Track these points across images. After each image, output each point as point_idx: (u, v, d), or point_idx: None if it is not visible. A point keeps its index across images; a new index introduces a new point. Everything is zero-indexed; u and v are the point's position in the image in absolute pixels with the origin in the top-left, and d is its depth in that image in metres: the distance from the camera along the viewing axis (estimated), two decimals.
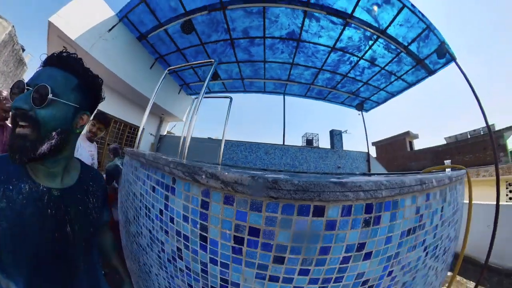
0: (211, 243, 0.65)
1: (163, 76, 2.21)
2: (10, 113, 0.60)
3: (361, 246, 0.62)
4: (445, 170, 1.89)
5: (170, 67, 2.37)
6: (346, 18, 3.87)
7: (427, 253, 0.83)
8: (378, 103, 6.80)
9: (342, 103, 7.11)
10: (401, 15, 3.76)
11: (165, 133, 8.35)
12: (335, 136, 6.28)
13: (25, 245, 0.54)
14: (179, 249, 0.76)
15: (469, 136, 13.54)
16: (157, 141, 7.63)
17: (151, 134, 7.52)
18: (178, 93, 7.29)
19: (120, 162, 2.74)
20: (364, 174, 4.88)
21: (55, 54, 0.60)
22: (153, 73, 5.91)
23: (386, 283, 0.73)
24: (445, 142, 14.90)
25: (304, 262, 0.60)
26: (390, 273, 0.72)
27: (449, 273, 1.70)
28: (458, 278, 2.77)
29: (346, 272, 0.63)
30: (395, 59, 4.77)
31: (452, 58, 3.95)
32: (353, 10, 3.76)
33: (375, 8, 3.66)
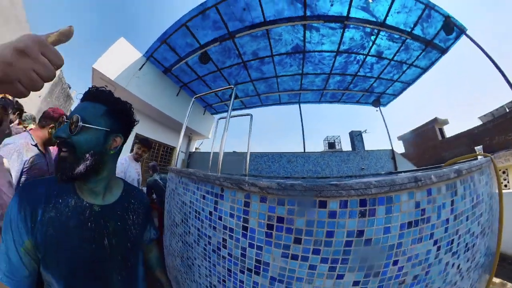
0: (250, 231, 0.87)
1: (191, 103, 2.53)
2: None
3: (360, 233, 0.74)
4: (476, 158, 1.63)
5: (196, 95, 2.68)
6: (344, 21, 3.90)
7: (439, 247, 0.83)
8: (395, 95, 6.48)
9: (358, 102, 6.92)
10: (396, 2, 3.61)
11: (193, 150, 8.97)
12: (355, 137, 6.01)
13: (66, 251, 0.59)
14: (224, 240, 0.97)
15: (507, 110, 11.26)
16: (187, 158, 8.19)
17: (182, 152, 8.09)
18: (203, 114, 7.92)
19: (158, 177, 3.10)
20: (390, 173, 4.62)
21: (87, 91, 0.69)
22: (179, 99, 6.67)
23: (393, 271, 0.77)
24: (481, 122, 12.34)
25: (315, 242, 0.76)
26: (395, 262, 0.77)
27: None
28: (497, 280, 2.32)
29: (351, 255, 0.74)
30: (402, 48, 4.55)
31: (461, 31, 3.71)
32: (348, 12, 3.78)
33: (370, 0, 3.60)
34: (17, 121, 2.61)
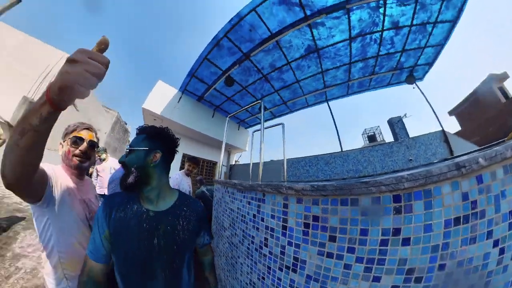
0: (289, 230, 0.93)
1: (226, 123, 2.80)
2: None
3: (397, 231, 0.67)
4: None
5: (230, 114, 2.92)
6: (345, 6, 3.61)
7: (502, 250, 0.63)
8: (430, 64, 5.36)
9: (390, 84, 6.09)
10: None
11: (233, 163, 9.43)
12: (395, 124, 5.02)
13: (125, 241, 0.75)
14: (265, 239, 1.06)
15: None
16: (228, 170, 8.69)
17: (224, 165, 8.58)
18: (238, 129, 8.38)
19: (204, 188, 3.39)
20: (445, 160, 3.90)
21: (136, 130, 0.92)
22: (215, 119, 7.40)
23: (439, 278, 0.63)
24: None
25: (350, 241, 0.75)
26: (442, 266, 0.63)
27: None
28: None
29: (387, 255, 0.68)
30: (418, 8, 3.82)
31: None
32: None
33: None
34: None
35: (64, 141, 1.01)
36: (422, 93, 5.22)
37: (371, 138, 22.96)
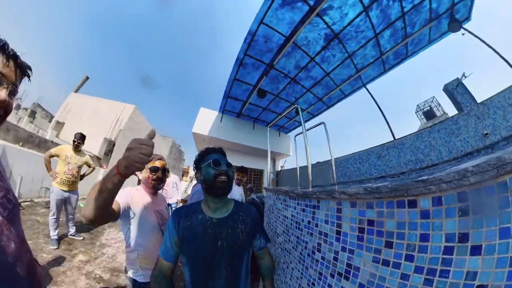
0: (343, 235, 0.88)
1: (268, 132, 2.85)
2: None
3: (464, 237, 0.54)
4: None
5: (269, 124, 2.98)
6: None
7: None
8: None
9: (431, 41, 4.75)
10: None
11: (279, 169, 9.35)
12: (454, 91, 3.68)
13: (193, 245, 0.86)
14: (319, 244, 1.03)
15: None
16: (275, 176, 8.70)
17: (271, 173, 8.66)
18: (279, 136, 8.36)
19: (254, 195, 3.49)
20: None
21: (218, 149, 1.02)
22: (256, 130, 7.73)
23: None
24: None
25: (408, 247, 0.65)
26: None
27: None
28: None
29: (452, 266, 0.55)
30: None
31: None
32: None
33: None
34: None
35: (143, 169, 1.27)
36: (477, 36, 3.86)
37: (428, 114, 17.89)
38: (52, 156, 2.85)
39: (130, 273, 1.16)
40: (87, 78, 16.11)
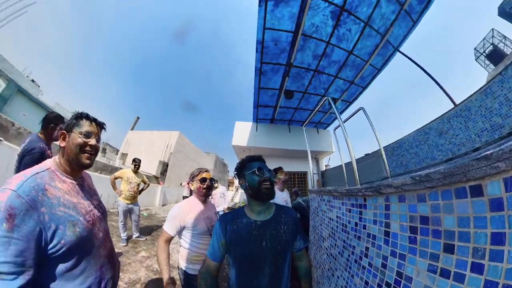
0: (392, 236, 0.75)
1: (304, 132, 2.75)
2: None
3: None
4: None
5: (304, 123, 2.86)
6: None
7: None
8: None
9: None
10: None
11: (324, 168, 8.76)
12: None
13: (239, 247, 0.93)
14: (367, 248, 0.90)
15: None
16: (321, 177, 8.21)
17: (314, 174, 8.21)
18: (317, 133, 7.91)
19: (300, 199, 3.36)
20: None
21: (256, 157, 1.09)
22: (292, 133, 7.60)
23: None
24: None
25: (475, 253, 0.48)
26: None
27: None
28: None
29: None
30: None
31: None
32: None
33: None
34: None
35: (193, 181, 1.57)
36: None
37: (494, 55, 12.36)
38: (116, 178, 3.69)
39: (182, 266, 1.40)
40: (138, 118, 20.94)
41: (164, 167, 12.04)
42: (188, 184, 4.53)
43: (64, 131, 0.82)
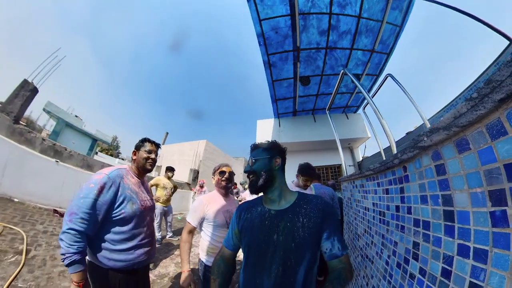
0: (460, 218, 0.43)
1: (329, 116, 2.50)
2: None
3: None
4: None
5: (328, 107, 2.60)
6: None
7: None
8: None
9: None
10: None
11: (360, 159, 7.71)
12: None
13: (250, 237, 0.87)
14: (415, 244, 0.62)
15: None
16: (357, 169, 7.36)
17: (349, 165, 7.43)
18: (347, 119, 7.16)
19: (340, 194, 3.03)
20: None
21: (251, 147, 1.06)
22: (318, 122, 7.07)
23: None
24: None
25: None
26: None
27: None
28: None
29: None
30: None
31: None
32: None
33: None
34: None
35: (214, 175, 1.71)
36: None
37: None
38: (152, 185, 4.15)
39: (202, 257, 1.51)
40: (167, 133, 23.99)
41: (195, 174, 12.89)
42: (200, 188, 5.76)
43: (135, 150, 1.38)
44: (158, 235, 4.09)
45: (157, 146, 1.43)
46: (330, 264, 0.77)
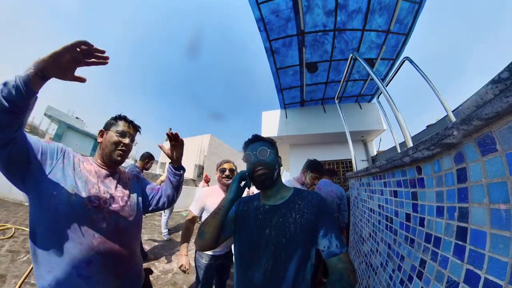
0: (473, 239, 0.36)
1: (338, 106, 2.40)
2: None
3: None
4: None
5: (337, 95, 2.50)
6: None
7: None
8: None
9: None
10: None
11: (375, 153, 7.39)
12: None
13: (243, 228, 0.92)
14: (422, 262, 0.54)
15: None
16: (371, 164, 7.05)
17: (362, 160, 7.18)
18: (361, 109, 6.82)
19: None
20: None
21: (253, 138, 1.02)
22: (328, 113, 6.76)
23: None
24: None
25: None
26: None
27: None
28: None
29: None
30: None
31: None
32: None
33: None
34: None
35: (217, 171, 1.82)
36: None
37: None
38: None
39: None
40: (170, 129, 25.70)
41: (200, 169, 13.05)
42: (206, 183, 5.87)
43: (103, 129, 0.98)
44: (164, 231, 4.56)
45: (136, 128, 1.05)
46: (330, 263, 0.75)
